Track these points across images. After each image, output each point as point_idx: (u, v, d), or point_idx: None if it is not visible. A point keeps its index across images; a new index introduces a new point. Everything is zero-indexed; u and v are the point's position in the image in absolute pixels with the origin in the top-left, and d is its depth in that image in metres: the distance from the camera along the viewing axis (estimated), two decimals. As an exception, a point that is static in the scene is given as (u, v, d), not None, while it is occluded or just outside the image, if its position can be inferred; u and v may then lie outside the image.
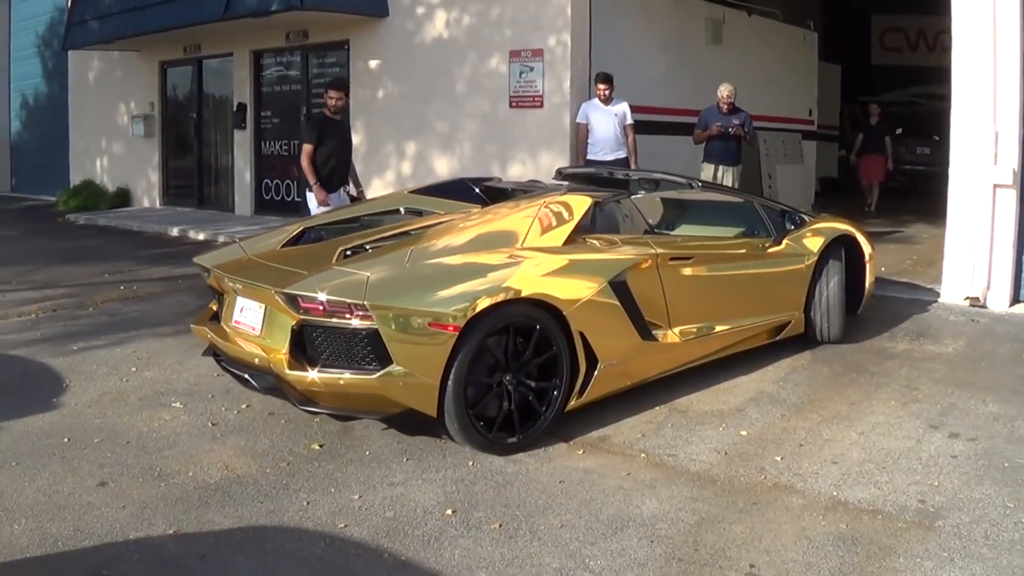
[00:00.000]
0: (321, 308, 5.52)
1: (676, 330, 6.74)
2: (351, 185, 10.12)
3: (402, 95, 14.56)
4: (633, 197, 7.51)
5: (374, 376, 5.46)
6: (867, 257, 8.43)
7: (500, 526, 4.83)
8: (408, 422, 5.93)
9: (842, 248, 8.08)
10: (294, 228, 7.16)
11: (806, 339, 7.97)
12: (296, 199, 15.96)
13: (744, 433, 6.11)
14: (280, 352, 5.72)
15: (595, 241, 6.56)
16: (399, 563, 4.47)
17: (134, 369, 7.65)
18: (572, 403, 6.09)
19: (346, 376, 5.55)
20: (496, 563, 4.46)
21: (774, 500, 5.08)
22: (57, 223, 18.14)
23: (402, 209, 7.42)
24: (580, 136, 12.03)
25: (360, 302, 5.42)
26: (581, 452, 5.86)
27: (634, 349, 6.43)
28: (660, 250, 6.72)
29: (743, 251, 7.61)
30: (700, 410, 6.53)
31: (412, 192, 7.97)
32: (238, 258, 6.70)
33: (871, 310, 8.82)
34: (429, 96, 14.13)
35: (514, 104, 12.96)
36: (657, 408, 6.54)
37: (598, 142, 11.97)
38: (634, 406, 6.51)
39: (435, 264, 5.96)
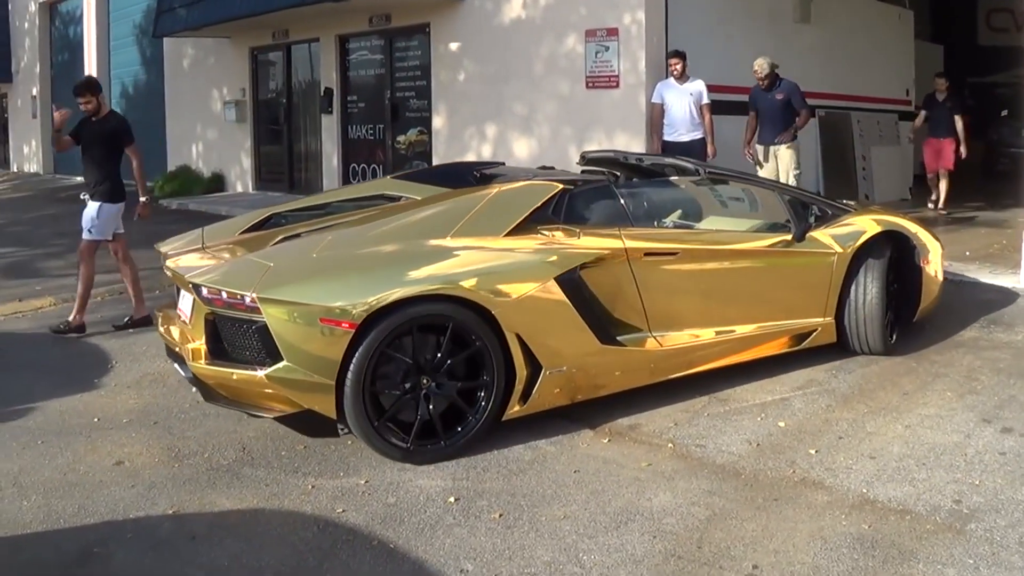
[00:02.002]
0: (220, 299, 5.27)
1: (658, 335, 6.07)
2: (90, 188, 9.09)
3: (481, 77, 14.37)
4: (618, 185, 6.58)
5: (260, 373, 5.12)
6: (924, 258, 7.36)
7: (500, 516, 4.63)
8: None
9: (887, 247, 7.04)
10: (260, 213, 6.94)
11: (842, 349, 7.02)
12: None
13: (782, 424, 5.77)
14: (196, 343, 5.52)
15: (551, 232, 5.91)
16: (386, 551, 4.32)
17: (179, 351, 7.62)
18: (515, 410, 5.54)
19: (237, 372, 5.27)
20: (486, 554, 4.26)
21: (797, 496, 4.76)
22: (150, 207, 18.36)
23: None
24: (655, 116, 11.70)
25: (248, 293, 5.12)
26: (606, 440, 5.61)
27: (592, 355, 5.76)
28: (632, 244, 6.02)
29: (749, 247, 6.68)
30: (742, 399, 6.20)
31: (396, 177, 7.65)
32: (194, 245, 6.49)
33: (944, 302, 7.95)
34: (507, 78, 13.91)
35: (590, 84, 12.66)
36: (697, 397, 6.23)
37: (672, 122, 11.64)
38: (674, 394, 6.20)
39: (346, 254, 5.64)
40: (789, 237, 6.69)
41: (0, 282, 10.86)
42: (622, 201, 6.47)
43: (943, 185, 14.35)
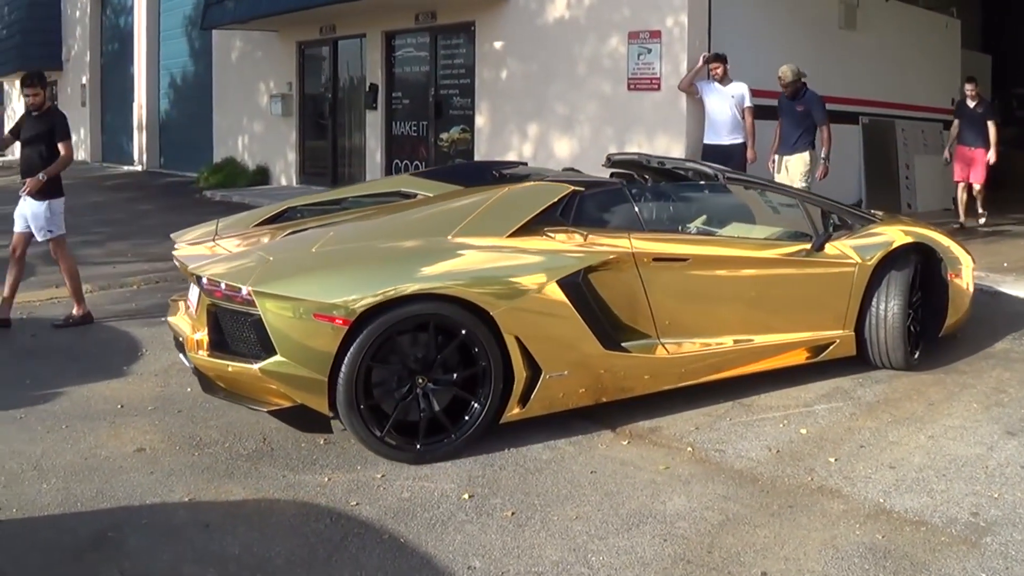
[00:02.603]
0: (220, 291, 5.28)
1: (668, 342, 5.97)
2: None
3: (524, 76, 14.37)
4: (631, 189, 6.50)
5: (255, 367, 5.12)
6: (952, 272, 7.16)
7: (512, 514, 4.63)
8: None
9: (912, 259, 6.88)
10: (276, 207, 6.95)
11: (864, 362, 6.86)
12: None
13: (804, 431, 5.73)
14: (200, 333, 5.55)
15: (557, 234, 5.82)
16: (396, 545, 4.33)
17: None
18: (514, 412, 5.48)
19: (233, 364, 5.28)
20: (495, 552, 4.26)
21: (812, 504, 4.72)
22: (194, 199, 18.55)
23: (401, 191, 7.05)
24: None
25: (245, 287, 5.11)
26: (626, 442, 5.59)
27: (594, 360, 5.66)
28: (640, 248, 5.90)
29: (764, 255, 6.48)
30: (765, 405, 6.16)
31: (415, 175, 7.59)
32: (208, 236, 6.49)
33: (977, 314, 7.84)
34: (550, 77, 13.90)
35: (632, 86, 12.62)
36: (721, 402, 6.19)
37: (713, 125, 11.60)
38: (697, 398, 6.18)
39: (345, 250, 5.61)
40: (808, 246, 6.55)
41: (39, 268, 10.96)
42: (634, 205, 6.36)
43: (978, 198, 13.61)
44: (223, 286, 5.22)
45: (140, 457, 5.37)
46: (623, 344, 5.80)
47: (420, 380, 5.26)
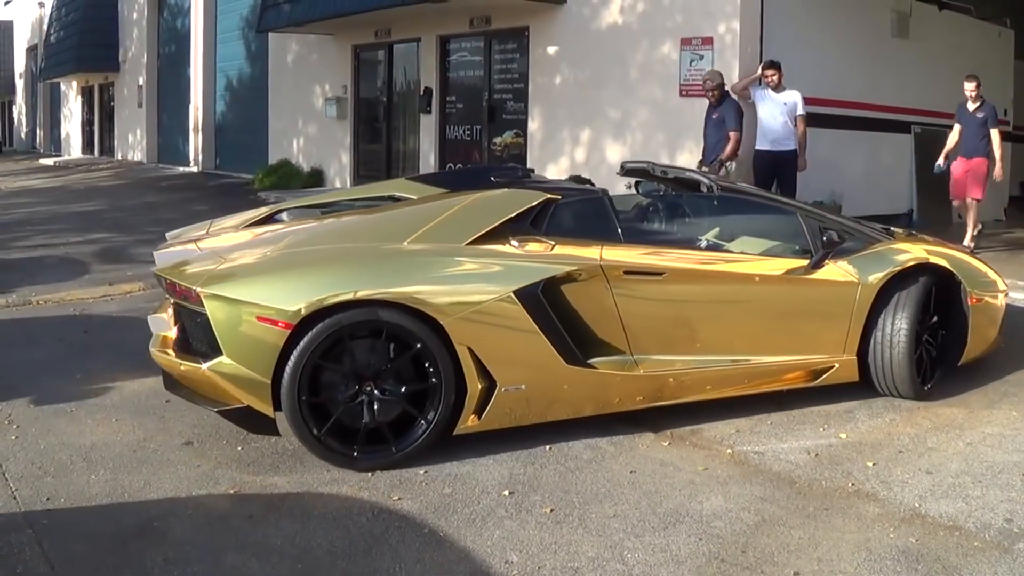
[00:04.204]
0: (176, 290, 5.34)
1: (643, 360, 5.74)
2: None
3: (577, 82, 14.46)
4: (612, 198, 6.24)
5: (203, 367, 5.16)
6: (975, 296, 6.65)
7: (551, 511, 4.72)
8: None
9: (925, 281, 6.40)
10: (266, 209, 6.92)
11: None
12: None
13: (843, 436, 5.78)
14: (171, 331, 5.65)
15: (521, 243, 5.62)
16: (436, 539, 4.43)
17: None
18: (469, 423, 5.35)
19: (185, 363, 5.35)
20: (532, 546, 4.35)
21: (848, 507, 4.78)
22: (248, 200, 18.72)
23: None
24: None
25: (195, 287, 5.14)
26: (667, 443, 5.67)
27: (557, 375, 5.46)
28: (610, 260, 5.66)
29: (750, 271, 6.13)
30: (806, 409, 6.20)
31: (411, 179, 7.47)
32: (199, 234, 6.49)
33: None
34: (603, 83, 13.99)
35: (684, 92, 12.68)
36: (763, 405, 6.23)
37: (765, 132, 11.65)
38: (738, 401, 6.19)
39: (300, 252, 5.58)
40: (805, 263, 6.20)
41: (94, 266, 11.21)
42: (614, 215, 6.09)
43: (971, 217, 11.93)
44: (179, 287, 5.29)
45: (187, 450, 5.49)
46: (591, 360, 5.60)
47: (368, 387, 5.20)
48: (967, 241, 11.59)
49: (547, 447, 5.52)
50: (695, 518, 4.64)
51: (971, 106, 11.99)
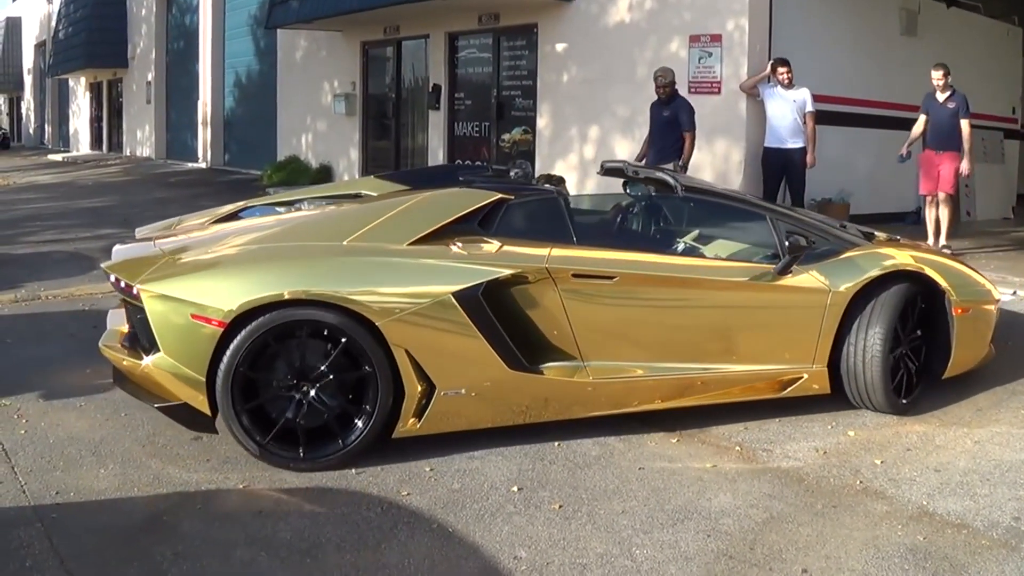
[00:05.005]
0: (120, 287, 5.36)
1: (594, 366, 5.57)
2: None
3: (585, 79, 14.48)
4: (568, 199, 6.14)
5: (143, 362, 5.17)
6: (960, 306, 6.28)
7: (560, 507, 4.73)
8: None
9: (903, 289, 6.06)
10: (235, 206, 6.92)
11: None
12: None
13: (852, 434, 5.79)
14: (122, 327, 5.68)
15: (465, 244, 5.49)
16: (444, 534, 4.45)
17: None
18: (408, 425, 5.27)
19: (127, 359, 5.37)
20: (541, 542, 4.36)
21: (856, 505, 4.78)
22: (256, 196, 18.77)
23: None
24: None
25: (135, 284, 5.16)
26: (675, 440, 5.68)
27: (499, 379, 5.33)
28: (558, 263, 5.49)
29: (709, 277, 5.88)
30: (816, 408, 6.18)
31: (380, 176, 7.43)
32: (164, 231, 6.50)
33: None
34: (611, 80, 14.00)
35: (692, 89, 12.66)
36: (771, 403, 6.15)
37: (774, 129, 11.66)
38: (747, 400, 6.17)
39: (242, 251, 5.54)
40: (770, 268, 5.93)
41: (103, 261, 11.21)
42: (567, 216, 5.94)
43: (944, 214, 11.29)
44: (123, 283, 5.29)
45: (198, 445, 5.49)
46: (539, 365, 5.49)
47: (304, 387, 5.17)
48: (944, 240, 11.25)
49: (556, 443, 5.53)
50: (703, 515, 4.65)
51: (940, 96, 11.49)
